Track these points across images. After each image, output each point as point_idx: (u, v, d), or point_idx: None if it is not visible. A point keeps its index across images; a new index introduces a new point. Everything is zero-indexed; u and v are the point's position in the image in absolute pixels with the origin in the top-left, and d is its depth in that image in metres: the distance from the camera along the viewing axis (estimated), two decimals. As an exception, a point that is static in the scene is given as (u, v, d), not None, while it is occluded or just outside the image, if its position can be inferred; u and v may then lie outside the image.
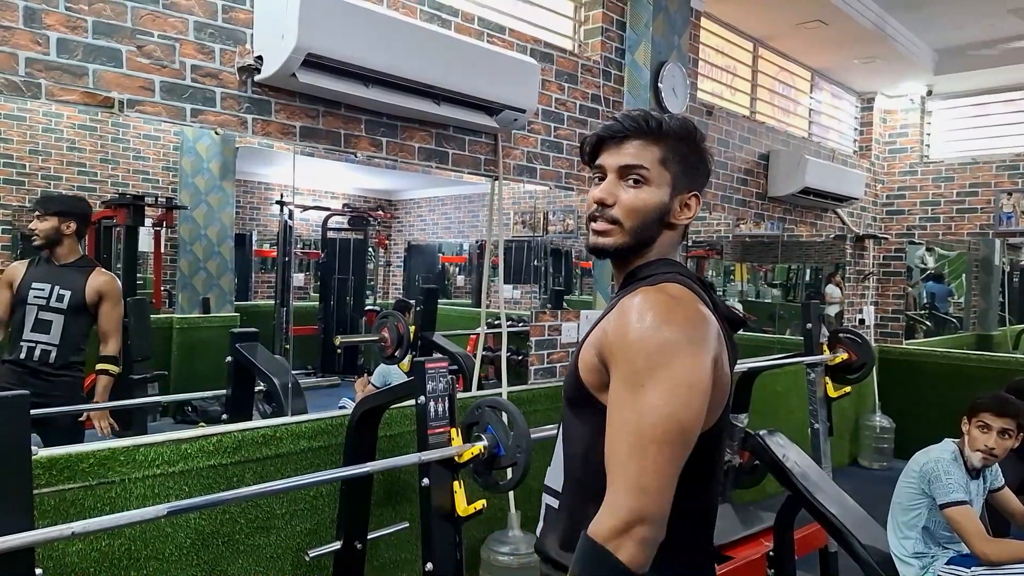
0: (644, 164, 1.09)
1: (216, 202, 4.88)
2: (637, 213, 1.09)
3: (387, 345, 3.53)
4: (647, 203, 1.09)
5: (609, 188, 1.10)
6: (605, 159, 1.12)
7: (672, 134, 1.10)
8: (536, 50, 2.97)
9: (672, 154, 1.10)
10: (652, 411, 0.91)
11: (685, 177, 1.11)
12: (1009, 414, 2.46)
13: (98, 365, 2.90)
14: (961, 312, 7.76)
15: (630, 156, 1.09)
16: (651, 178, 1.09)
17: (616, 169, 1.10)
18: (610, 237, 1.10)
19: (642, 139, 1.10)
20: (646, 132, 1.10)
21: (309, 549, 2.13)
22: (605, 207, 1.10)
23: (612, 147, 1.12)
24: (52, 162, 4.70)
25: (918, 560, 2.44)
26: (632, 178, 1.09)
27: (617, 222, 1.09)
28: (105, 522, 1.43)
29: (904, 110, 5.65)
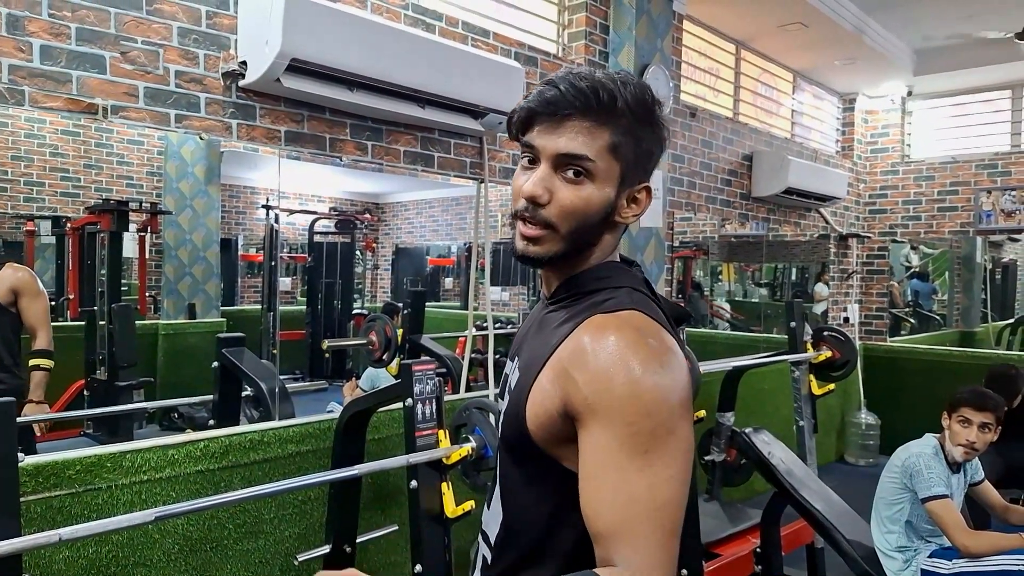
0: (589, 155, 0.84)
1: (201, 207, 4.86)
2: (577, 216, 0.85)
3: (375, 348, 3.53)
4: (590, 204, 0.85)
5: (544, 181, 0.85)
6: (539, 138, 0.86)
7: (629, 112, 0.85)
8: (520, 54, 2.99)
9: (625, 138, 0.85)
10: (665, 485, 0.75)
11: (638, 167, 0.88)
12: (988, 408, 2.50)
13: (31, 361, 2.84)
14: (944, 309, 7.86)
15: (572, 142, 0.84)
16: (597, 172, 0.84)
17: (552, 157, 0.85)
18: (542, 245, 0.87)
19: (589, 119, 0.84)
20: (595, 110, 0.84)
21: (298, 553, 2.13)
22: (537, 206, 0.85)
23: (549, 124, 0.85)
24: (35, 168, 4.67)
25: (901, 554, 2.48)
26: (572, 170, 0.84)
27: (551, 226, 0.85)
28: (93, 528, 1.43)
29: (885, 110, 5.72)
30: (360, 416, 2.17)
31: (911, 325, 7.11)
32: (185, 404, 3.72)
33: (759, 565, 2.57)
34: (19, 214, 4.76)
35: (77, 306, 4.50)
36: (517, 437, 0.86)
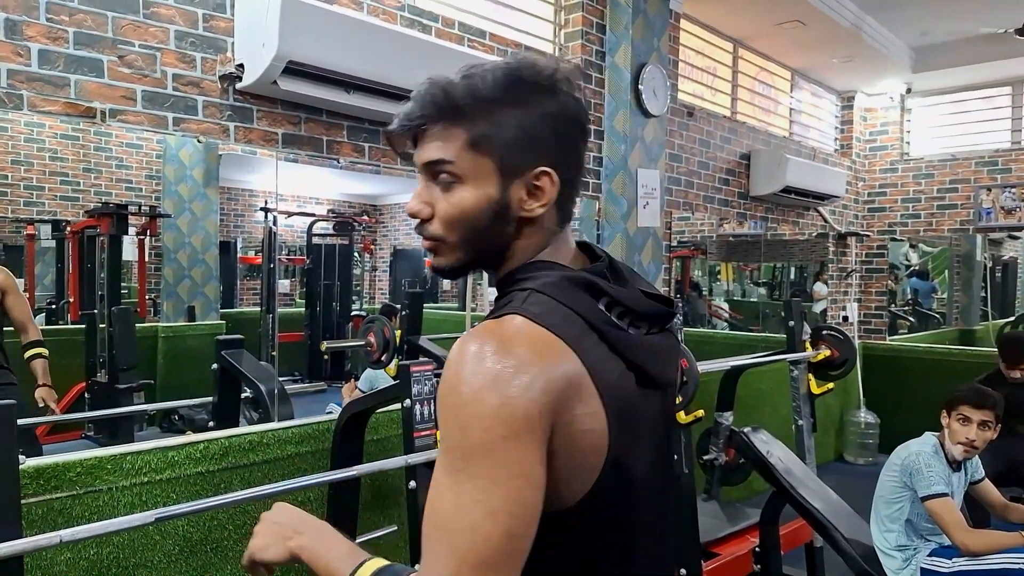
0: (446, 157, 0.79)
1: (200, 209, 4.87)
2: (458, 224, 0.81)
3: (373, 350, 3.53)
4: (465, 208, 0.80)
5: (421, 196, 0.83)
6: (416, 154, 0.84)
7: (480, 101, 0.79)
8: (516, 55, 2.99)
9: (490, 128, 0.79)
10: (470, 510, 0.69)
11: (520, 152, 0.79)
12: (987, 406, 2.50)
13: (28, 352, 2.94)
14: (944, 308, 7.86)
15: (430, 150, 0.81)
16: (464, 173, 0.79)
17: (423, 170, 0.83)
18: (441, 256, 0.84)
19: (441, 122, 0.80)
20: (441, 110, 0.80)
21: (298, 554, 2.13)
22: (423, 223, 0.83)
23: (419, 137, 0.83)
24: (34, 172, 4.68)
25: (901, 552, 2.48)
26: (441, 178, 0.81)
27: (439, 239, 0.83)
28: (94, 529, 1.43)
29: (884, 108, 5.72)
30: (359, 417, 2.18)
31: (910, 324, 7.11)
32: (185, 406, 3.72)
33: (758, 564, 2.57)
34: (19, 218, 4.77)
35: (77, 309, 4.51)
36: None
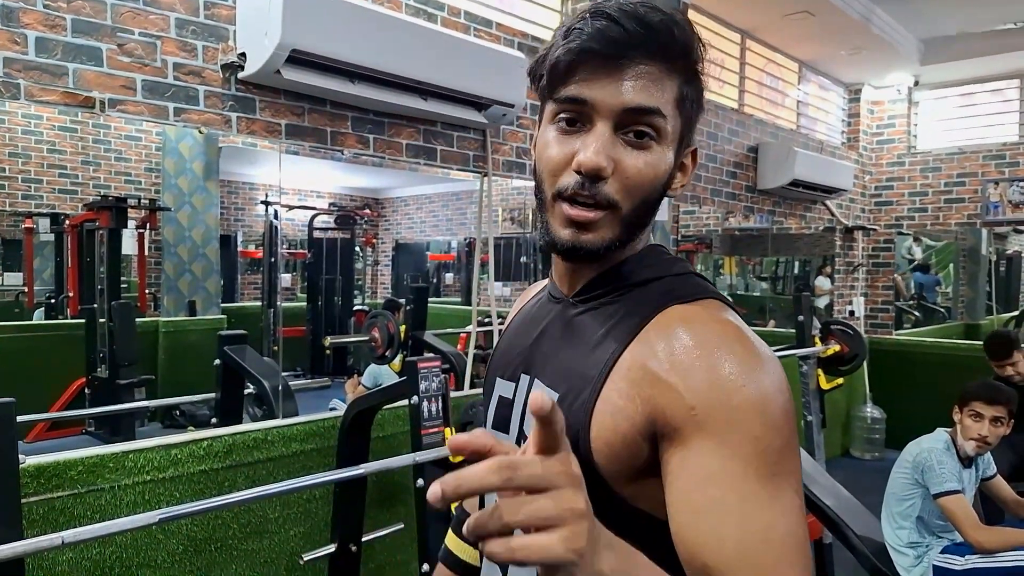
0: (660, 107, 0.66)
1: (200, 203, 4.83)
2: (643, 191, 0.67)
3: (378, 345, 3.51)
4: (658, 174, 0.68)
5: (606, 147, 0.65)
6: (591, 89, 0.65)
7: (694, 56, 0.68)
8: (524, 44, 2.95)
9: (689, 89, 0.69)
10: (797, 515, 0.59)
11: (693, 122, 0.72)
12: (1000, 401, 2.47)
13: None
14: (949, 302, 7.82)
15: (643, 93, 0.65)
16: (665, 131, 0.67)
17: (616, 113, 0.65)
18: (598, 231, 0.68)
19: (656, 64, 0.66)
20: (664, 51, 0.66)
21: (303, 553, 2.10)
22: (597, 181, 0.66)
23: (604, 70, 0.65)
24: (32, 165, 4.64)
25: (913, 550, 2.45)
26: (636, 131, 0.66)
27: (613, 205, 0.67)
28: (96, 530, 1.40)
29: (891, 101, 5.67)
30: (365, 414, 2.14)
31: (915, 318, 7.08)
32: (187, 402, 3.70)
33: (769, 561, 2.54)
34: (18, 211, 4.73)
35: (77, 304, 4.48)
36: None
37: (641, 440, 0.62)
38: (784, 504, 0.58)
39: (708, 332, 0.62)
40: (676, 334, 0.63)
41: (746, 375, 0.59)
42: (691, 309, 0.66)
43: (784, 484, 0.58)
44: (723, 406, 0.58)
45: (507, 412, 0.77)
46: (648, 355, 0.63)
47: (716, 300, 0.68)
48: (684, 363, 0.61)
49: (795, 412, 0.61)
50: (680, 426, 0.59)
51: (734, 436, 0.58)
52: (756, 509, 0.57)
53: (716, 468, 0.58)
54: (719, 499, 0.57)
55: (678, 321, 0.64)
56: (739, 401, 0.58)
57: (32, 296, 4.92)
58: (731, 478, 0.57)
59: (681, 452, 0.59)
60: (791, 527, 0.57)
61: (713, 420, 0.58)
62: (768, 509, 0.57)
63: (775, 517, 0.57)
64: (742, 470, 0.57)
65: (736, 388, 0.58)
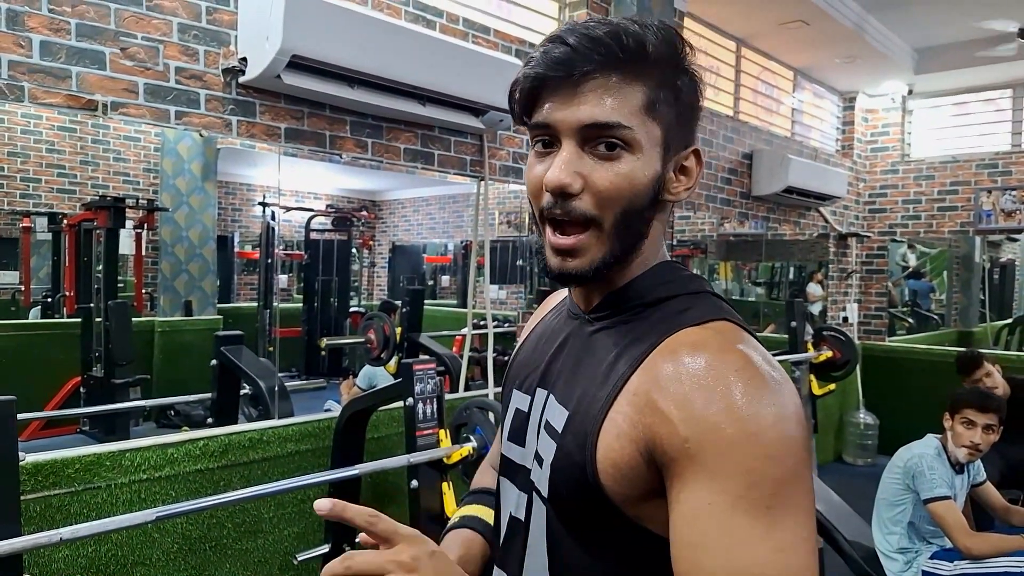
0: (622, 120, 0.66)
1: (198, 203, 4.85)
2: (621, 201, 0.67)
3: (373, 347, 3.52)
4: (635, 182, 0.67)
5: (571, 164, 0.66)
6: (553, 112, 0.67)
7: (662, 59, 0.67)
8: (521, 51, 2.98)
9: (662, 92, 0.67)
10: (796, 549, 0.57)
11: (682, 127, 0.70)
12: (992, 409, 2.50)
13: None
14: (943, 309, 7.87)
15: (598, 108, 0.66)
16: (635, 140, 0.66)
17: (576, 131, 0.66)
18: (583, 256, 0.68)
19: (615, 74, 0.66)
20: (620, 61, 0.66)
21: (297, 553, 2.12)
22: (567, 198, 0.67)
23: (564, 91, 0.66)
24: (31, 164, 4.65)
25: (903, 555, 2.47)
26: (604, 143, 0.66)
27: (591, 220, 0.67)
28: (93, 527, 1.42)
29: (885, 109, 5.71)
30: (360, 415, 2.16)
31: (909, 325, 7.12)
32: (182, 402, 3.71)
33: (759, 565, 2.56)
34: (15, 210, 4.74)
35: (74, 303, 4.48)
36: (580, 495, 0.66)
37: (643, 464, 0.62)
38: (781, 538, 0.56)
39: (711, 361, 0.61)
40: (680, 361, 0.62)
41: (742, 406, 0.58)
42: (700, 334, 0.65)
43: (783, 516, 0.56)
44: (716, 438, 0.58)
45: (523, 425, 0.77)
46: (652, 381, 0.63)
47: (729, 323, 0.67)
48: (681, 393, 0.60)
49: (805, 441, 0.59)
50: (675, 457, 0.59)
51: (726, 469, 0.57)
52: (745, 545, 0.56)
53: (705, 501, 0.57)
54: (706, 533, 0.57)
55: (685, 347, 0.64)
56: (732, 433, 0.57)
57: (28, 295, 4.92)
58: (719, 512, 0.57)
59: (677, 483, 0.60)
60: (789, 562, 0.56)
61: (705, 452, 0.58)
62: (759, 545, 0.56)
63: (767, 554, 0.55)
64: (731, 504, 0.56)
65: (732, 420, 0.58)
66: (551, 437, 0.70)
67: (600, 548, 0.66)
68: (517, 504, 0.77)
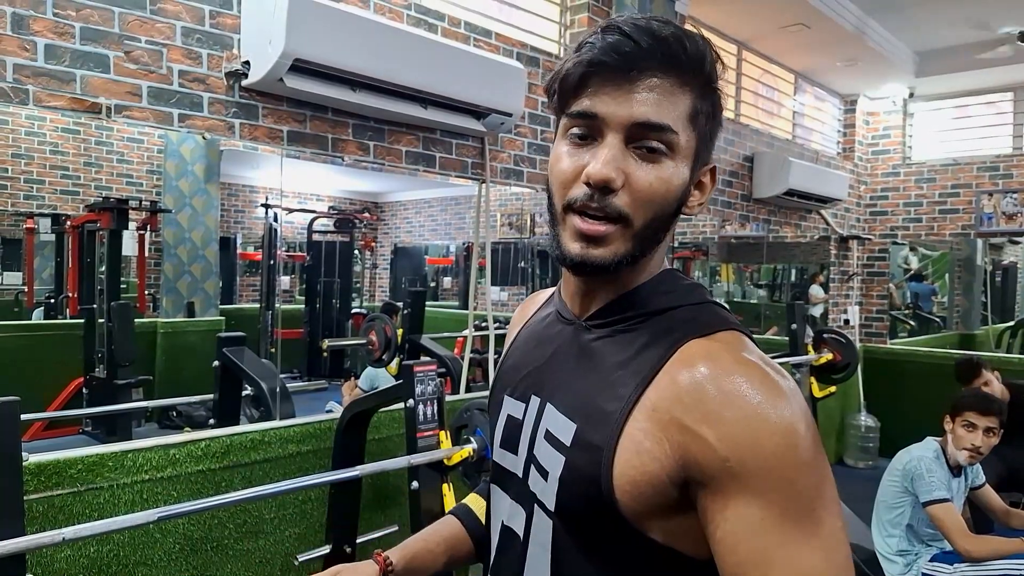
0: (672, 125, 0.65)
1: (200, 205, 4.87)
2: (655, 206, 0.67)
3: (375, 348, 3.53)
4: (670, 188, 0.67)
5: (615, 160, 0.65)
6: (603, 103, 0.65)
7: (710, 71, 0.68)
8: (522, 54, 2.99)
9: (703, 104, 0.68)
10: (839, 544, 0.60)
11: (710, 139, 0.71)
12: (993, 412, 2.50)
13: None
14: (944, 311, 7.87)
15: (653, 108, 0.65)
16: (678, 146, 0.66)
17: (626, 127, 0.65)
18: (609, 246, 0.67)
19: (669, 78, 0.65)
20: (678, 66, 0.66)
21: (298, 553, 2.12)
22: (607, 193, 0.65)
23: (615, 84, 0.65)
24: (35, 166, 4.68)
25: (902, 558, 2.48)
26: (648, 145, 0.65)
27: (624, 219, 0.66)
28: (96, 527, 1.43)
29: (886, 112, 5.72)
30: (361, 416, 2.17)
31: (910, 327, 7.12)
32: (184, 403, 3.73)
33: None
34: (19, 212, 4.76)
35: (76, 304, 4.50)
36: (592, 510, 0.65)
37: (668, 483, 0.62)
38: (826, 536, 0.59)
39: (730, 375, 0.62)
40: (699, 376, 0.62)
41: (774, 419, 0.59)
42: (712, 346, 0.65)
43: (823, 515, 0.59)
44: (756, 455, 0.59)
45: (516, 432, 0.77)
46: (673, 398, 0.63)
47: (735, 332, 0.68)
48: (710, 411, 0.61)
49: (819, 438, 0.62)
50: (716, 475, 0.60)
51: (771, 482, 0.59)
52: (799, 552, 0.58)
53: (756, 517, 0.59)
54: (762, 549, 0.58)
55: (700, 360, 0.64)
56: (771, 447, 0.59)
57: (32, 295, 4.95)
58: (772, 526, 0.58)
59: (720, 501, 0.60)
60: (834, 558, 0.59)
61: (747, 469, 0.59)
62: (811, 549, 0.58)
63: (817, 556, 0.58)
64: (780, 515, 0.58)
65: (766, 435, 0.59)
66: (557, 450, 0.69)
67: (609, 563, 0.66)
68: (510, 514, 0.76)
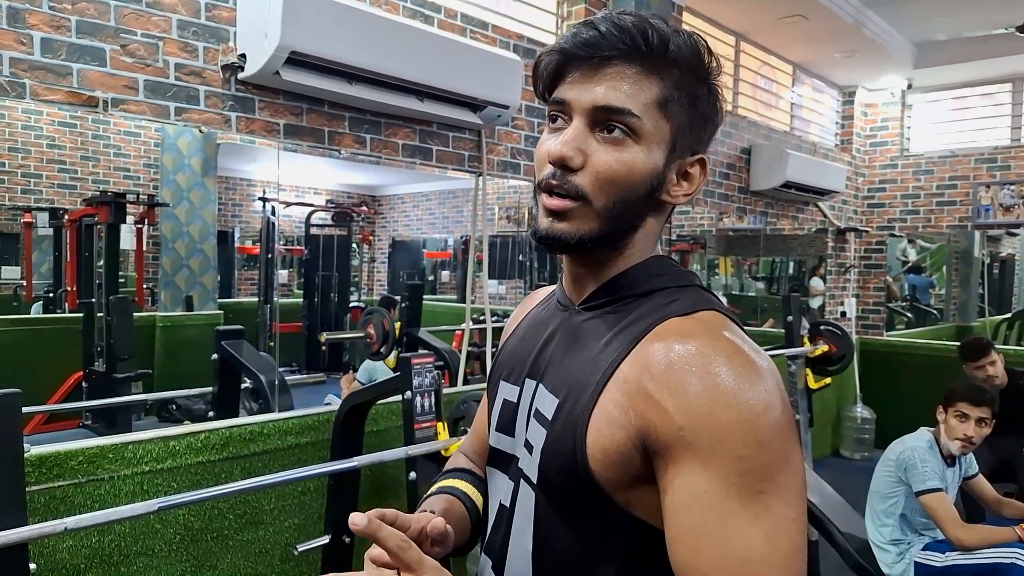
0: (633, 109, 0.68)
1: (198, 199, 4.87)
2: (616, 186, 0.69)
3: (372, 341, 3.55)
4: (632, 171, 0.69)
5: (576, 141, 0.69)
6: (570, 91, 0.71)
7: (684, 62, 0.70)
8: (519, 46, 2.99)
9: (677, 93, 0.70)
10: (786, 531, 0.60)
11: (691, 131, 0.72)
12: (986, 402, 2.52)
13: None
14: (942, 304, 7.89)
15: (613, 92, 0.69)
16: (642, 131, 0.69)
17: (588, 110, 0.70)
18: (571, 221, 0.70)
19: (634, 65, 0.69)
20: (642, 54, 0.69)
21: (298, 544, 2.14)
22: (567, 171, 0.69)
23: (584, 72, 0.70)
24: (32, 160, 4.67)
25: (895, 547, 2.50)
26: (611, 128, 0.69)
27: (583, 197, 0.69)
28: (98, 517, 1.44)
29: (885, 104, 5.72)
30: (359, 409, 2.19)
31: (907, 320, 7.14)
32: (183, 396, 3.74)
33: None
34: (16, 206, 4.76)
35: (75, 298, 4.51)
36: (569, 480, 0.68)
37: (634, 450, 0.64)
38: (771, 522, 0.59)
39: (701, 348, 0.63)
40: (670, 349, 0.64)
41: (734, 393, 0.60)
42: (688, 323, 0.67)
43: (773, 501, 0.59)
44: (709, 425, 0.60)
45: (512, 416, 0.79)
46: (642, 368, 0.65)
47: (717, 312, 0.69)
48: (674, 381, 0.62)
49: (791, 424, 0.62)
50: (670, 444, 0.61)
51: (719, 455, 0.59)
52: (738, 530, 0.59)
53: (700, 488, 0.60)
54: (701, 519, 0.60)
55: (674, 335, 0.66)
56: (725, 420, 0.59)
57: (30, 290, 4.95)
58: (714, 498, 0.59)
59: (671, 470, 0.62)
60: (777, 545, 0.59)
61: (699, 439, 0.60)
62: (751, 529, 0.59)
63: (758, 537, 0.58)
64: (725, 489, 0.59)
65: (723, 407, 0.60)
66: (541, 425, 0.72)
67: (587, 533, 0.68)
68: (506, 492, 0.79)
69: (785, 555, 0.59)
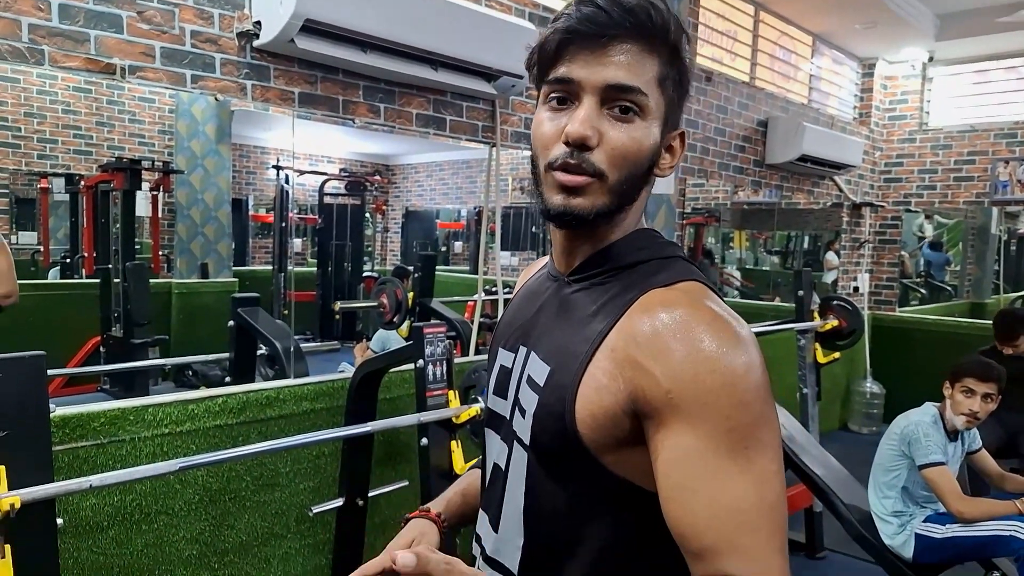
0: (640, 85, 0.71)
1: (212, 166, 4.89)
2: (628, 162, 0.72)
3: (386, 311, 3.59)
4: (642, 147, 0.73)
5: (591, 119, 0.71)
6: (578, 69, 0.72)
7: (675, 39, 0.74)
8: (535, 15, 2.97)
9: (670, 70, 0.74)
10: (770, 482, 0.65)
11: (678, 105, 0.77)
12: (992, 378, 2.52)
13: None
14: (957, 280, 7.83)
15: (622, 71, 0.71)
16: (647, 108, 0.72)
17: (599, 89, 0.71)
18: (587, 196, 0.72)
19: (639, 43, 0.71)
20: (646, 32, 0.72)
21: (313, 505, 2.20)
22: (584, 150, 0.71)
23: (589, 50, 0.71)
24: (47, 125, 4.70)
25: (897, 518, 2.53)
26: (620, 106, 0.72)
27: (599, 174, 0.72)
28: (121, 476, 1.49)
29: (905, 76, 5.62)
30: (373, 376, 2.23)
31: (921, 296, 7.10)
32: (199, 361, 3.81)
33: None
34: (33, 171, 4.81)
35: (92, 264, 4.57)
36: (559, 443, 0.72)
37: (623, 415, 0.68)
38: (756, 474, 0.64)
39: (684, 317, 0.67)
40: (656, 318, 0.68)
41: (717, 358, 0.65)
42: (671, 293, 0.71)
43: (756, 455, 0.64)
44: (695, 388, 0.64)
45: (506, 380, 0.83)
46: (629, 337, 0.69)
47: (697, 283, 0.73)
48: (660, 348, 0.66)
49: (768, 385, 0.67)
50: (659, 407, 0.66)
51: (706, 416, 0.64)
52: (726, 483, 0.64)
53: (690, 447, 0.64)
54: (692, 475, 0.64)
55: (657, 305, 0.69)
56: (710, 383, 0.64)
57: (48, 255, 5.02)
58: (703, 455, 0.64)
59: (661, 432, 0.66)
60: (763, 494, 0.64)
61: (686, 402, 0.64)
62: (738, 482, 0.64)
63: (745, 488, 0.64)
64: (713, 447, 0.64)
65: (707, 371, 0.64)
66: (533, 390, 0.76)
67: (575, 492, 0.73)
68: (499, 452, 0.83)
69: (771, 504, 0.64)
